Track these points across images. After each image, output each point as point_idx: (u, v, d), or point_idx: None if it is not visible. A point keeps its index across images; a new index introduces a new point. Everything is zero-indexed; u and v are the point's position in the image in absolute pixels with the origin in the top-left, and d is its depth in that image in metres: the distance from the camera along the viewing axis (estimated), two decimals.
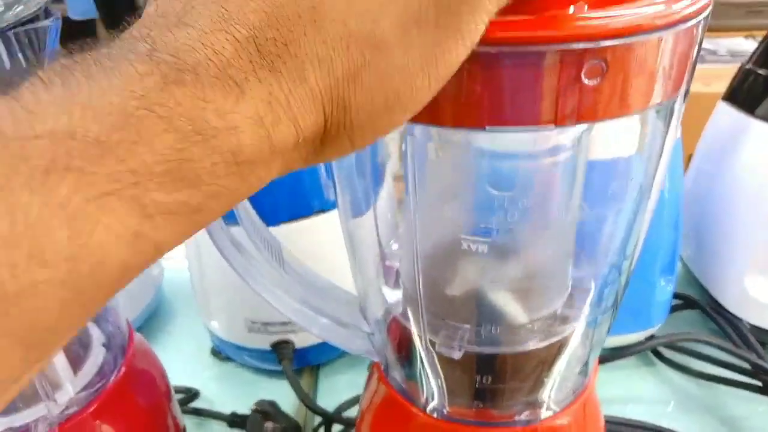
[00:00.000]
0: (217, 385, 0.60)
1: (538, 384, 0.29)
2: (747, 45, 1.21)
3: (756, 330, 0.56)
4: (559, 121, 0.19)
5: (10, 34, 0.25)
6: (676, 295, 0.61)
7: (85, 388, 0.34)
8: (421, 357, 0.29)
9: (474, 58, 0.18)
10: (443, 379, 0.29)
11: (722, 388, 0.54)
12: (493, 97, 0.19)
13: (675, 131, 0.24)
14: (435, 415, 0.30)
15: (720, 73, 0.80)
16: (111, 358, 0.37)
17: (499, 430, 0.29)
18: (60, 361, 0.33)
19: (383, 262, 0.30)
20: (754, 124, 0.53)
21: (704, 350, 0.55)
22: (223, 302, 0.56)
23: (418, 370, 0.30)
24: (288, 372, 0.54)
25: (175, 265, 0.74)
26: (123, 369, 0.36)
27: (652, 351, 0.59)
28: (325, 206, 0.51)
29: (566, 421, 0.29)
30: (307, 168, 0.21)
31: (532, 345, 0.28)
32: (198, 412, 0.56)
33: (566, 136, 0.24)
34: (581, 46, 0.18)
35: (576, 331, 0.29)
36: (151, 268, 0.69)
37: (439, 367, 0.29)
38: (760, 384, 0.51)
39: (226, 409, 0.55)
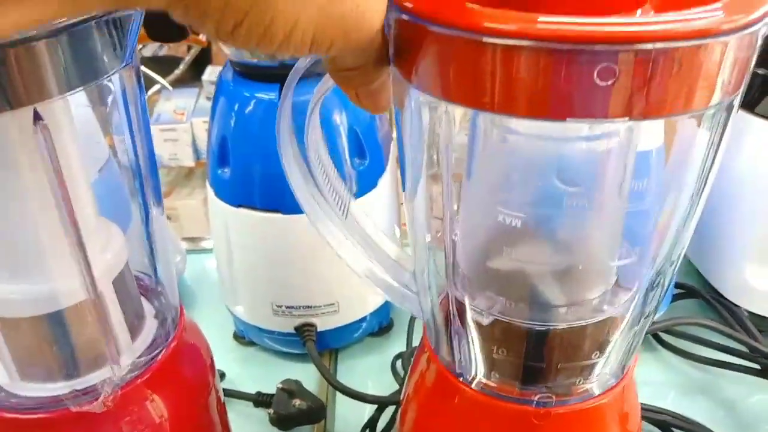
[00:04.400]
0: (240, 367, 0.62)
1: (569, 363, 0.31)
2: None
3: (754, 317, 0.59)
4: (631, 114, 0.22)
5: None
6: (677, 285, 0.64)
7: (141, 356, 0.37)
8: (461, 324, 0.31)
9: (556, 54, 0.21)
10: (479, 349, 0.31)
11: (721, 371, 0.58)
12: (571, 92, 0.21)
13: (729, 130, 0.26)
14: (477, 388, 0.32)
15: None
16: (163, 331, 0.39)
17: (533, 408, 0.31)
18: (121, 328, 0.36)
19: (435, 238, 0.33)
20: (754, 122, 0.56)
21: (704, 336, 0.58)
22: (250, 287, 0.58)
23: (459, 340, 0.32)
24: (312, 353, 0.56)
25: (196, 256, 0.77)
26: (175, 341, 0.38)
27: (653, 336, 0.62)
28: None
29: (605, 402, 0.31)
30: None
31: (563, 325, 0.31)
32: (224, 393, 0.58)
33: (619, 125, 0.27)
34: (655, 46, 0.20)
35: (612, 320, 0.31)
36: (175, 259, 0.71)
37: (476, 334, 0.31)
38: (758, 367, 0.54)
39: (250, 390, 0.57)
